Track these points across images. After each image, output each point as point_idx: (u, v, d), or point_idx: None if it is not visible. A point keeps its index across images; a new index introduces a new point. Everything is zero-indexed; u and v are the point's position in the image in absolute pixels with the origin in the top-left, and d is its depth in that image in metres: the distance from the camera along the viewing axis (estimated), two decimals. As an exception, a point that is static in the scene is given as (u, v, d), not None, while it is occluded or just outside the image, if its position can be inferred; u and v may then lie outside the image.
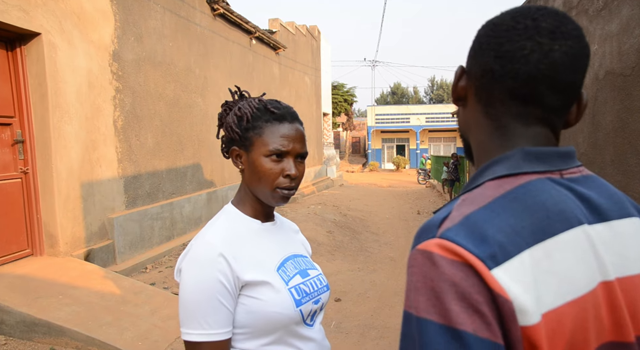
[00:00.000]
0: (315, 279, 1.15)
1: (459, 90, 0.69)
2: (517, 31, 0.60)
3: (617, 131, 2.97)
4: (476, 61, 0.65)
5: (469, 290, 0.51)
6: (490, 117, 0.65)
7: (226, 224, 1.08)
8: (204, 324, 0.96)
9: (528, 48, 0.59)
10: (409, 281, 0.56)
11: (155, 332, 3.52)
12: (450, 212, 0.58)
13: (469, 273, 0.51)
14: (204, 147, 7.38)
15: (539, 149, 0.62)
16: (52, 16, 4.42)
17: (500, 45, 0.61)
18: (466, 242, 0.53)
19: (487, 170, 0.63)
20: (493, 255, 0.52)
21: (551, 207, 0.57)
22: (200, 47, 7.38)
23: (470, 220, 0.55)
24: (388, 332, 3.99)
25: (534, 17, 0.61)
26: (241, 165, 1.10)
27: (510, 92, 0.62)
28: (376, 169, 30.24)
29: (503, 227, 0.54)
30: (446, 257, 0.53)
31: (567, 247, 0.56)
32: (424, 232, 0.58)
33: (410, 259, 0.57)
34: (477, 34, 0.66)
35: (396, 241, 8.04)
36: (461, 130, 0.75)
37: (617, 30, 2.94)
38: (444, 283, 0.52)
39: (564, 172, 0.63)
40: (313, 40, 15.70)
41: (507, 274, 0.51)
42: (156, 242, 5.91)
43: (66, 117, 4.56)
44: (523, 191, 0.58)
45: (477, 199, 0.59)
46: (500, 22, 0.63)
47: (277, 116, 1.07)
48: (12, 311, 3.41)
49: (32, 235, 4.44)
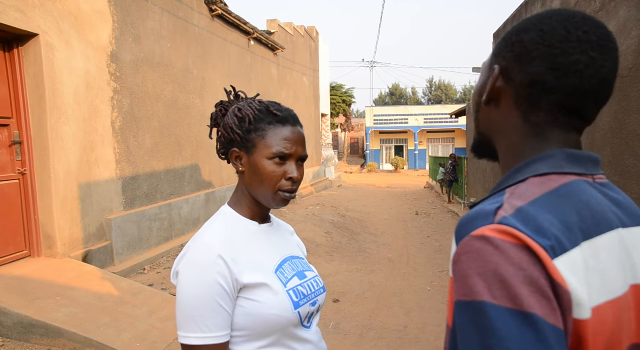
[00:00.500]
0: (312, 281, 1.14)
1: (494, 91, 0.68)
2: (571, 43, 0.60)
3: (614, 132, 2.98)
4: (522, 68, 0.63)
5: (536, 274, 0.50)
6: (529, 122, 0.65)
7: (223, 225, 1.07)
8: (203, 326, 0.94)
9: (582, 63, 0.60)
10: (462, 268, 0.54)
11: (153, 333, 3.51)
12: (502, 204, 0.57)
13: (534, 258, 0.51)
14: (202, 148, 7.37)
15: (579, 152, 0.63)
16: (50, 17, 4.41)
17: (554, 57, 0.60)
18: (528, 230, 0.53)
19: (528, 167, 0.63)
20: (552, 247, 0.52)
21: (595, 207, 0.58)
22: (198, 48, 7.38)
23: (523, 212, 0.55)
24: (386, 333, 3.99)
25: (584, 29, 0.61)
26: (241, 167, 1.09)
27: (559, 104, 0.63)
28: (374, 169, 30.25)
29: (555, 222, 0.54)
30: (510, 241, 0.52)
31: (608, 247, 0.57)
32: (475, 219, 0.57)
33: (464, 245, 0.55)
34: (519, 37, 0.65)
35: (394, 242, 8.04)
36: (483, 130, 0.74)
37: (614, 31, 2.95)
38: (511, 266, 0.50)
39: (595, 177, 0.64)
40: (311, 41, 15.70)
41: (565, 266, 0.52)
42: (154, 243, 5.90)
43: (64, 118, 4.55)
44: (568, 190, 0.59)
45: (524, 194, 0.59)
46: (551, 30, 0.61)
47: (280, 118, 1.07)
48: (9, 312, 3.40)
49: (29, 236, 4.43)
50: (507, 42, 0.67)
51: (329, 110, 20.30)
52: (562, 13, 0.63)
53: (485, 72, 0.72)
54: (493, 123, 0.70)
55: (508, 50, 0.66)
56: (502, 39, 0.69)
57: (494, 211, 0.56)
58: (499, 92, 0.67)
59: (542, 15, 0.64)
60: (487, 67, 0.71)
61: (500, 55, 0.67)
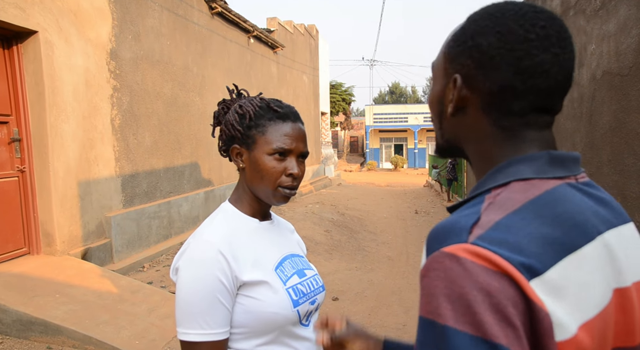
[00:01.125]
0: (311, 279, 1.14)
1: (459, 101, 0.64)
2: (532, 43, 0.58)
3: (614, 131, 2.98)
4: (488, 75, 0.60)
5: (504, 302, 0.48)
6: (501, 127, 0.63)
7: (224, 222, 1.06)
8: (203, 323, 0.94)
9: (548, 62, 0.58)
10: (429, 285, 0.52)
11: (152, 331, 3.51)
12: (479, 217, 0.54)
13: (505, 284, 0.48)
14: (201, 146, 7.37)
15: (561, 153, 0.61)
16: (49, 14, 4.40)
17: (519, 60, 0.58)
18: (502, 251, 0.50)
19: (510, 168, 0.60)
20: (530, 267, 0.49)
21: (577, 216, 0.56)
22: (198, 45, 7.37)
23: (502, 226, 0.52)
24: (385, 331, 4.00)
25: (541, 25, 0.58)
26: (242, 163, 1.09)
27: (530, 107, 0.61)
28: (374, 168, 30.26)
29: (536, 237, 0.52)
30: (481, 264, 0.49)
31: (591, 259, 0.55)
32: (449, 234, 0.54)
33: (433, 261, 0.53)
34: (475, 42, 0.61)
35: (394, 240, 8.05)
36: (450, 138, 0.70)
37: (615, 30, 2.95)
38: (478, 292, 0.48)
39: (578, 177, 0.62)
40: (311, 39, 15.69)
41: (544, 287, 0.49)
42: (153, 241, 5.91)
43: (63, 115, 4.55)
44: (550, 198, 0.56)
45: (505, 204, 0.56)
46: (509, 31, 0.59)
47: (281, 115, 1.07)
48: (9, 310, 3.40)
49: (29, 233, 4.43)
50: (463, 47, 0.63)
51: (328, 108, 20.29)
52: (513, 9, 0.60)
53: (441, 79, 0.68)
54: (461, 132, 0.67)
55: (467, 57, 0.62)
56: (456, 43, 0.64)
57: (469, 228, 0.53)
58: (465, 101, 0.64)
59: (494, 14, 0.61)
60: (443, 74, 0.67)
61: (458, 62, 0.63)
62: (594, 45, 3.30)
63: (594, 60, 3.31)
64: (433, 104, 0.71)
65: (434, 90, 0.70)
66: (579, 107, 3.58)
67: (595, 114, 3.30)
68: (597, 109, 3.28)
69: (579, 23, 3.55)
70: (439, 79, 0.68)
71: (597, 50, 3.25)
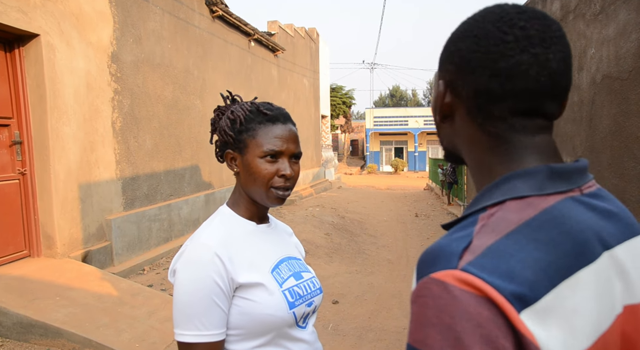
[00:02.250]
0: (308, 282, 1.15)
1: (444, 108, 0.63)
2: (509, 44, 0.56)
3: (614, 135, 2.98)
4: (465, 80, 0.59)
5: (496, 333, 0.45)
6: (489, 134, 0.60)
7: (221, 225, 1.08)
8: (199, 324, 0.96)
9: (525, 63, 0.55)
10: (418, 312, 0.50)
11: (152, 334, 3.51)
12: (471, 241, 0.52)
13: (495, 313, 0.46)
14: (202, 149, 7.38)
15: (564, 167, 0.58)
16: (51, 17, 4.42)
17: (494, 63, 0.56)
18: (492, 278, 0.47)
19: (507, 184, 0.57)
20: (521, 296, 0.47)
21: (576, 236, 0.53)
22: (198, 49, 7.39)
23: (493, 252, 0.50)
24: (385, 335, 3.99)
25: (520, 26, 0.56)
26: (236, 168, 1.11)
27: (511, 110, 0.58)
28: (374, 171, 30.26)
29: (530, 263, 0.49)
30: (470, 292, 0.47)
31: (589, 282, 0.52)
32: (438, 258, 0.51)
33: (422, 287, 0.50)
34: (456, 47, 0.60)
35: (394, 244, 8.04)
36: (447, 146, 0.69)
37: (614, 34, 2.96)
38: (467, 323, 0.46)
39: (583, 188, 0.59)
40: (312, 43, 15.72)
41: (534, 318, 0.47)
42: (154, 243, 5.91)
43: (64, 118, 4.56)
44: (547, 218, 0.53)
45: (499, 226, 0.53)
46: (485, 35, 0.57)
47: (270, 117, 1.08)
48: (9, 312, 3.40)
49: (29, 236, 4.43)
50: (447, 53, 0.62)
51: (329, 111, 20.31)
52: (496, 11, 0.59)
53: (436, 86, 0.67)
54: (455, 139, 0.66)
55: (449, 62, 0.61)
56: (444, 50, 0.64)
57: (460, 253, 0.50)
58: (451, 108, 0.63)
59: (475, 19, 0.60)
60: (436, 80, 0.67)
61: (444, 69, 0.63)
62: (593, 50, 3.31)
63: (593, 64, 3.32)
64: (433, 111, 0.71)
65: (433, 97, 0.70)
66: (579, 110, 3.59)
67: (595, 118, 3.31)
68: (597, 112, 3.29)
69: (578, 27, 3.57)
70: (436, 86, 0.67)
71: (596, 55, 3.26)
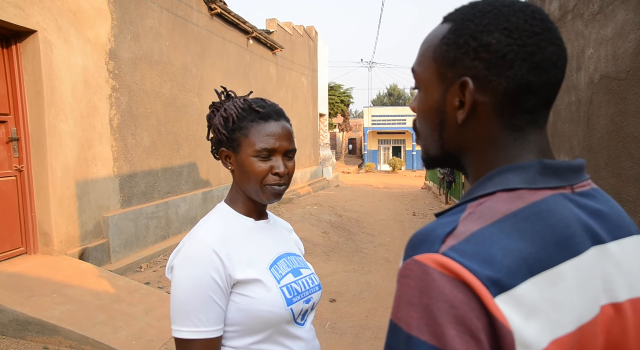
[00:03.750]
0: (307, 278, 1.15)
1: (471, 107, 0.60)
2: (540, 36, 0.57)
3: (612, 135, 2.99)
4: (502, 74, 0.58)
5: (469, 315, 0.48)
6: (512, 128, 0.61)
7: (219, 222, 1.08)
8: (196, 321, 0.96)
9: (555, 54, 0.58)
10: (400, 292, 0.52)
11: (149, 332, 3.51)
12: (456, 226, 0.54)
13: (470, 296, 0.48)
14: (200, 147, 7.37)
15: (556, 163, 0.59)
16: (49, 13, 4.40)
17: (532, 55, 0.57)
18: (471, 263, 0.49)
19: (499, 177, 0.59)
20: (497, 281, 0.49)
21: (561, 230, 0.54)
22: (197, 46, 7.37)
23: (477, 238, 0.52)
24: (383, 333, 4.00)
25: (540, 18, 0.58)
26: (231, 166, 1.11)
27: (543, 102, 0.60)
28: (372, 170, 30.28)
29: (511, 251, 0.51)
30: (447, 275, 0.49)
31: (571, 275, 0.53)
32: (423, 242, 0.54)
33: (405, 268, 0.53)
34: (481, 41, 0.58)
35: (391, 242, 8.05)
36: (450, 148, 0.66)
37: (612, 34, 2.96)
38: (443, 303, 0.48)
39: (575, 187, 0.60)
40: (310, 41, 15.71)
41: (510, 303, 0.48)
42: (151, 241, 5.90)
43: (62, 115, 4.54)
44: (535, 211, 0.54)
45: (486, 214, 0.54)
46: (516, 27, 0.57)
47: (262, 115, 1.08)
48: (5, 309, 3.39)
49: (26, 233, 4.42)
50: (465, 48, 0.59)
51: (327, 110, 20.31)
52: (504, 4, 0.59)
53: (437, 86, 0.63)
54: (467, 139, 0.63)
55: (472, 58, 0.59)
56: (453, 45, 0.61)
57: (443, 237, 0.52)
58: (476, 105, 0.60)
59: (490, 12, 0.59)
60: (438, 80, 0.63)
61: (462, 65, 0.60)
62: (591, 49, 3.32)
63: (591, 64, 3.33)
64: (428, 114, 0.66)
65: (429, 100, 0.65)
66: (577, 110, 3.60)
67: (593, 118, 3.32)
68: (594, 112, 3.30)
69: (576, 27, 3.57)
70: (433, 87, 0.64)
71: (594, 54, 3.27)
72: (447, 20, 0.64)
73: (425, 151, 0.70)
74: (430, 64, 0.64)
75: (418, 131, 0.72)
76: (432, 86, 0.64)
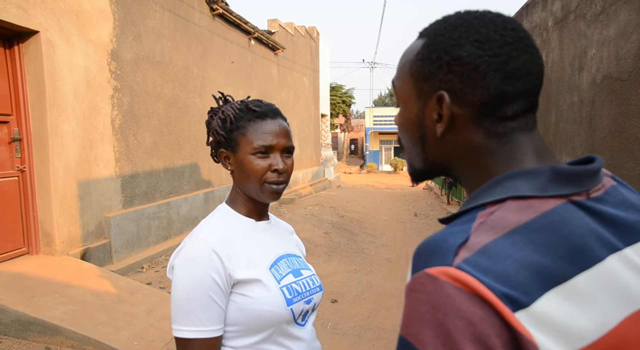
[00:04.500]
0: (308, 279, 1.15)
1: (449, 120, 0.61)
2: (512, 46, 0.58)
3: (614, 135, 2.99)
4: (476, 86, 0.58)
5: (488, 333, 0.46)
6: (496, 135, 0.61)
7: (220, 222, 1.09)
8: (196, 320, 0.97)
9: (529, 62, 0.58)
10: (411, 307, 0.50)
11: (151, 332, 3.51)
12: (468, 237, 0.52)
13: (489, 313, 0.46)
14: (201, 147, 7.37)
15: (569, 170, 0.57)
16: (51, 14, 4.41)
17: (504, 65, 0.57)
18: (487, 278, 0.47)
19: (508, 182, 0.57)
20: (514, 299, 0.47)
21: (574, 241, 0.53)
22: (198, 47, 7.38)
23: (490, 251, 0.50)
24: (384, 334, 4.00)
25: (512, 28, 0.59)
26: (230, 166, 1.13)
27: (523, 108, 0.60)
28: (374, 170, 30.25)
29: (525, 266, 0.49)
30: (464, 290, 0.47)
31: (589, 287, 0.52)
32: (434, 253, 0.51)
33: (416, 282, 0.50)
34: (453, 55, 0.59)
35: (393, 243, 8.05)
36: (436, 160, 0.66)
37: (615, 35, 2.95)
38: (460, 321, 0.46)
39: (591, 192, 0.58)
40: (312, 41, 15.71)
41: (527, 320, 0.47)
42: (153, 241, 5.90)
43: (64, 115, 4.55)
44: (546, 222, 0.53)
45: (498, 224, 0.53)
46: (486, 39, 0.58)
47: (259, 114, 1.10)
48: (7, 310, 3.40)
49: (28, 233, 4.43)
50: (438, 62, 0.60)
51: (328, 110, 20.31)
52: (476, 16, 0.60)
53: (415, 101, 0.64)
54: (450, 150, 0.64)
55: (446, 72, 0.60)
56: (426, 60, 0.62)
57: (456, 249, 0.50)
58: (453, 118, 0.61)
59: (461, 25, 0.60)
60: (416, 95, 0.64)
61: (437, 80, 0.60)
62: (594, 50, 3.31)
63: (594, 65, 3.32)
64: (409, 128, 0.67)
65: (408, 114, 0.66)
66: (579, 111, 3.59)
67: (595, 118, 3.31)
68: (597, 113, 3.29)
69: (579, 27, 3.57)
70: (412, 101, 0.65)
71: (597, 55, 3.26)
72: (422, 35, 0.65)
73: (411, 165, 0.71)
74: (408, 79, 0.65)
75: (402, 145, 0.72)
76: (411, 101, 0.65)
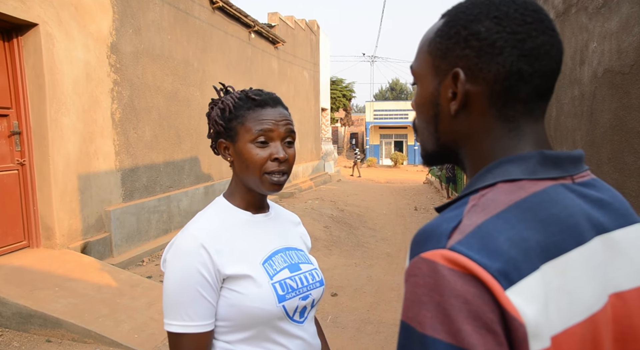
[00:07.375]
0: (306, 274, 1.12)
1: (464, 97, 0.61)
2: (531, 25, 0.57)
3: (615, 129, 2.98)
4: (492, 62, 0.58)
5: (483, 308, 0.47)
6: (507, 119, 0.60)
7: (213, 216, 1.07)
8: (184, 315, 0.96)
9: (548, 44, 0.58)
10: (410, 291, 0.51)
11: (151, 325, 3.53)
12: (460, 220, 0.53)
13: (482, 289, 0.48)
14: (202, 141, 7.36)
15: (556, 154, 0.59)
16: (50, 7, 4.39)
17: (522, 43, 0.57)
18: (480, 256, 0.49)
19: (499, 168, 0.59)
20: (507, 274, 0.48)
21: (565, 219, 0.54)
22: (198, 40, 7.35)
23: (482, 230, 0.51)
24: (384, 327, 4.01)
25: (533, 9, 0.58)
26: (229, 157, 1.09)
27: (536, 91, 0.59)
28: (374, 164, 30.25)
29: (517, 242, 0.50)
30: (457, 271, 0.48)
31: (579, 263, 0.53)
32: (429, 238, 0.53)
33: (413, 267, 0.52)
34: (471, 31, 0.59)
35: (393, 237, 8.06)
36: (447, 141, 0.66)
37: (617, 28, 2.94)
38: (455, 300, 0.48)
39: (575, 177, 0.60)
40: (312, 35, 15.65)
41: (520, 295, 0.48)
42: (153, 235, 5.91)
43: (63, 109, 4.54)
44: (537, 201, 0.55)
45: (489, 206, 0.54)
46: (505, 15, 0.57)
47: (259, 102, 1.07)
48: (8, 303, 3.41)
49: (28, 227, 4.43)
50: (456, 38, 0.60)
51: (329, 104, 20.27)
52: None
53: (432, 79, 0.64)
54: (462, 131, 0.63)
55: (462, 47, 0.59)
56: (445, 37, 0.62)
57: (449, 233, 0.52)
58: (468, 95, 0.60)
59: (482, 3, 0.60)
60: (433, 73, 0.64)
61: (454, 56, 0.60)
62: (595, 43, 3.29)
63: (595, 58, 3.30)
64: (424, 107, 0.67)
65: (424, 93, 0.66)
66: (580, 105, 3.58)
67: (596, 112, 3.30)
68: (597, 107, 3.28)
69: (580, 21, 3.55)
70: (429, 80, 0.65)
71: (598, 48, 3.24)
72: (444, 16, 0.65)
73: (423, 147, 0.71)
74: (426, 57, 0.65)
75: (416, 127, 0.72)
76: (427, 79, 0.65)
